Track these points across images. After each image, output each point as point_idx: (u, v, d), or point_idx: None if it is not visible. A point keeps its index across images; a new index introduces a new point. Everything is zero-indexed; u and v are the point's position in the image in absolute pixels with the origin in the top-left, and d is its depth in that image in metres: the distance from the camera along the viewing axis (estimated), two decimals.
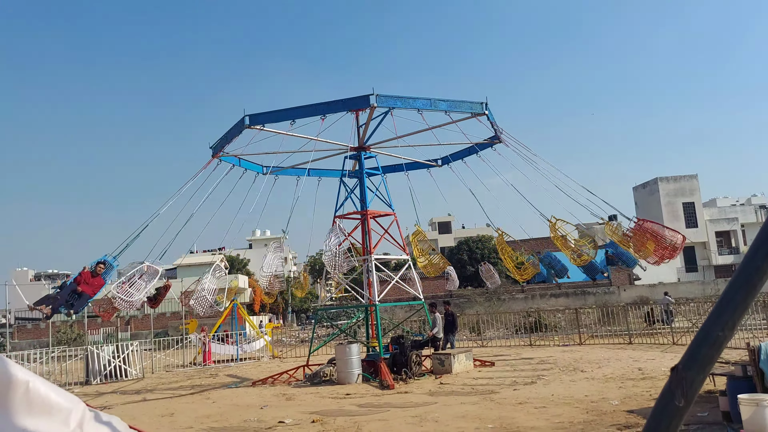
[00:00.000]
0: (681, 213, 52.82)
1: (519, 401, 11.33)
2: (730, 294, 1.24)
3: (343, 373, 15.45)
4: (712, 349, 1.23)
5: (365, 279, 17.64)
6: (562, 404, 10.77)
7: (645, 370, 14.41)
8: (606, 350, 19.72)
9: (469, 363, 16.82)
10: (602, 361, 16.62)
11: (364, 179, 17.84)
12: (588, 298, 40.41)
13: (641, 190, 56.95)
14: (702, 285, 41.56)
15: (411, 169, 20.17)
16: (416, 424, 9.87)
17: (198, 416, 12.02)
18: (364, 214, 17.81)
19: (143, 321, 46.59)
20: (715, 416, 8.60)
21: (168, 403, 14.35)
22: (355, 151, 17.74)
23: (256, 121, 15.58)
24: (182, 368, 22.94)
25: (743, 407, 7.42)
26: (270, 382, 16.57)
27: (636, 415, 9.30)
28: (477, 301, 39.14)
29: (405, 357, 15.67)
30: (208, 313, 16.49)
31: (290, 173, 19.56)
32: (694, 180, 53.67)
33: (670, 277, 44.79)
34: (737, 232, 53.50)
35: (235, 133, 15.93)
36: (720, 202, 61.62)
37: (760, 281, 1.23)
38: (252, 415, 11.76)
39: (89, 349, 20.36)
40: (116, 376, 19.89)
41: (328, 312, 27.66)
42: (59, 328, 42.50)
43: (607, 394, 11.46)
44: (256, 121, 15.59)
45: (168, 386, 17.70)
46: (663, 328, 22.22)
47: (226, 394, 15.30)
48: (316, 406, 12.25)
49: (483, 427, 9.35)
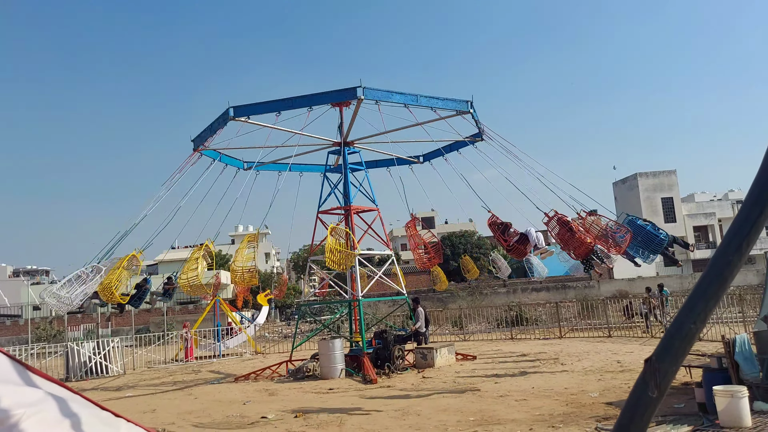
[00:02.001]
0: (660, 208, 53.54)
1: (500, 394, 11.45)
2: (702, 287, 1.28)
3: (327, 368, 15.46)
4: (684, 341, 1.27)
5: (348, 274, 17.65)
6: (542, 397, 10.90)
7: (624, 362, 14.62)
8: (586, 343, 19.96)
9: (451, 357, 16.94)
10: (582, 354, 16.83)
11: (348, 175, 17.83)
12: (568, 292, 40.86)
13: (621, 185, 57.59)
14: (680, 279, 42.22)
15: (392, 165, 20.18)
16: (399, 418, 9.93)
17: (180, 412, 11.96)
18: (348, 210, 17.81)
19: (124, 318, 46.10)
20: (692, 407, 8.76)
21: (150, 399, 14.26)
22: (338, 147, 17.73)
23: (240, 113, 15.31)
24: (164, 365, 22.79)
25: (718, 398, 7.58)
26: (253, 377, 16.53)
27: (615, 407, 9.45)
28: (459, 296, 39.38)
29: (388, 351, 15.73)
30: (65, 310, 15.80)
31: (271, 168, 19.45)
32: (673, 175, 54.40)
33: (648, 271, 45.33)
34: (714, 226, 54.39)
35: (218, 125, 15.68)
36: (698, 197, 62.58)
37: (731, 275, 1.27)
38: (235, 410, 11.74)
39: (69, 345, 20.13)
40: (97, 372, 19.70)
41: (311, 307, 27.65)
42: (38, 325, 41.96)
43: (586, 386, 11.62)
44: (241, 113, 15.32)
45: (150, 382, 17.57)
46: (655, 323, 22.34)
47: (208, 389, 15.23)
48: (299, 401, 12.26)
49: (464, 420, 9.43)
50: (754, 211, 1.22)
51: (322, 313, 32.78)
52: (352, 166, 18.24)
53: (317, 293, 28.49)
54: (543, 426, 8.65)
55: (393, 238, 63.07)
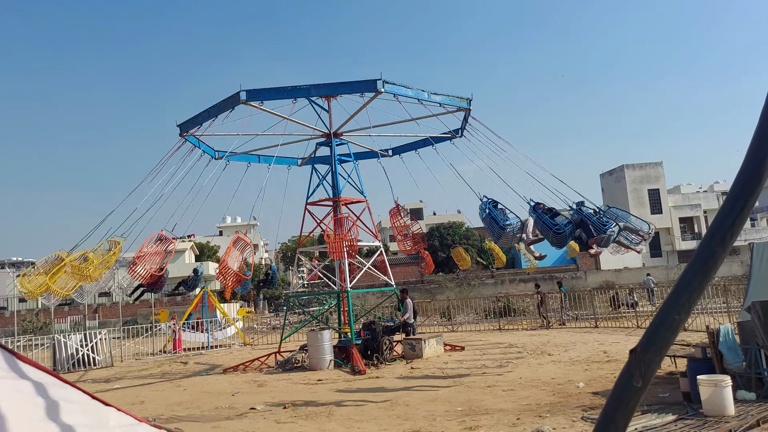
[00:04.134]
0: (646, 199, 53.89)
1: (488, 384, 11.53)
2: (686, 278, 1.30)
3: (315, 359, 15.49)
4: (668, 332, 1.29)
5: (337, 265, 17.64)
6: (529, 387, 11.00)
7: (610, 352, 14.77)
8: (572, 334, 20.13)
9: (439, 348, 17.02)
10: (569, 345, 16.98)
11: (336, 166, 17.78)
12: (555, 283, 41.10)
13: (608, 177, 57.89)
14: (666, 270, 42.63)
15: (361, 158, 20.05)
16: (387, 408, 9.98)
17: (169, 404, 11.94)
18: (336, 201, 17.78)
19: (111, 309, 45.89)
20: (676, 397, 8.88)
21: (138, 390, 14.22)
22: (326, 138, 17.67)
23: (253, 97, 14.88)
24: (152, 356, 22.70)
25: (703, 388, 7.68)
26: (241, 369, 16.52)
27: (601, 397, 9.55)
28: (447, 287, 39.52)
29: (377, 342, 15.78)
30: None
31: (241, 159, 18.95)
32: (659, 167, 54.73)
33: (635, 262, 45.75)
34: (700, 218, 54.86)
35: (224, 108, 15.24)
36: (684, 188, 63.06)
37: (715, 266, 1.29)
38: (223, 402, 11.73)
39: (56, 337, 19.98)
40: (84, 364, 19.59)
41: (300, 299, 27.64)
42: (24, 317, 41.62)
43: (573, 376, 11.73)
44: (254, 98, 14.90)
45: (138, 374, 17.51)
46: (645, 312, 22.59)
47: (197, 381, 15.21)
48: (288, 393, 12.28)
49: (452, 409, 9.50)
50: (738, 204, 1.24)
51: (311, 304, 32.79)
52: (339, 157, 18.19)
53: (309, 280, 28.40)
54: (530, 415, 8.73)
55: (381, 229, 63.09)
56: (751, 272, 10.27)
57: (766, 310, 8.26)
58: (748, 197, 1.24)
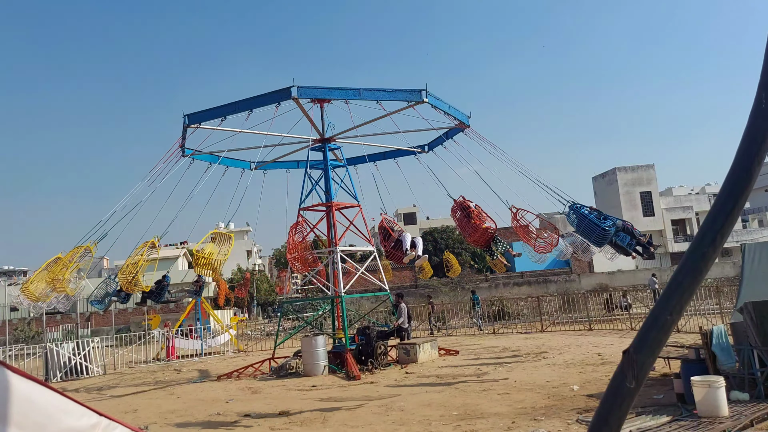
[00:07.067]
0: (639, 202, 54.18)
1: (483, 388, 11.53)
2: (677, 280, 1.31)
3: (310, 365, 15.44)
4: (660, 333, 1.29)
5: (331, 271, 17.63)
6: (524, 390, 11.00)
7: (604, 355, 14.81)
8: (567, 337, 20.17)
9: (434, 352, 17.01)
10: (563, 348, 17.01)
11: (329, 171, 17.78)
12: (549, 286, 41.23)
13: (600, 179, 58.15)
14: (659, 272, 42.75)
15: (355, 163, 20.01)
16: (382, 414, 9.96)
17: (162, 412, 11.86)
18: (329, 206, 17.76)
19: (104, 317, 45.56)
20: (670, 398, 8.90)
21: (131, 399, 14.12)
22: (319, 143, 17.67)
23: (194, 120, 15.44)
24: (145, 364, 22.57)
25: (696, 389, 7.71)
26: (235, 375, 16.45)
27: (596, 399, 9.57)
28: (442, 291, 39.52)
29: (371, 347, 15.75)
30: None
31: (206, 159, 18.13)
32: (651, 170, 55.05)
33: (628, 264, 45.89)
34: (692, 220, 55.19)
35: (185, 134, 15.85)
36: (676, 191, 63.50)
37: (706, 267, 1.30)
38: (218, 409, 11.67)
39: (48, 346, 19.83)
40: (77, 373, 19.44)
41: (293, 304, 27.58)
42: (16, 326, 41.30)
43: (567, 379, 11.75)
44: (195, 120, 15.45)
45: (131, 382, 17.40)
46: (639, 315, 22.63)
47: (190, 389, 15.13)
48: (282, 399, 12.23)
49: (448, 414, 9.49)
50: (728, 205, 1.25)
51: (305, 310, 32.71)
52: (331, 162, 18.17)
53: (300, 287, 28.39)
54: (525, 419, 8.73)
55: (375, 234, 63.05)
56: (743, 273, 10.35)
57: (759, 311, 8.31)
58: (738, 198, 1.25)
